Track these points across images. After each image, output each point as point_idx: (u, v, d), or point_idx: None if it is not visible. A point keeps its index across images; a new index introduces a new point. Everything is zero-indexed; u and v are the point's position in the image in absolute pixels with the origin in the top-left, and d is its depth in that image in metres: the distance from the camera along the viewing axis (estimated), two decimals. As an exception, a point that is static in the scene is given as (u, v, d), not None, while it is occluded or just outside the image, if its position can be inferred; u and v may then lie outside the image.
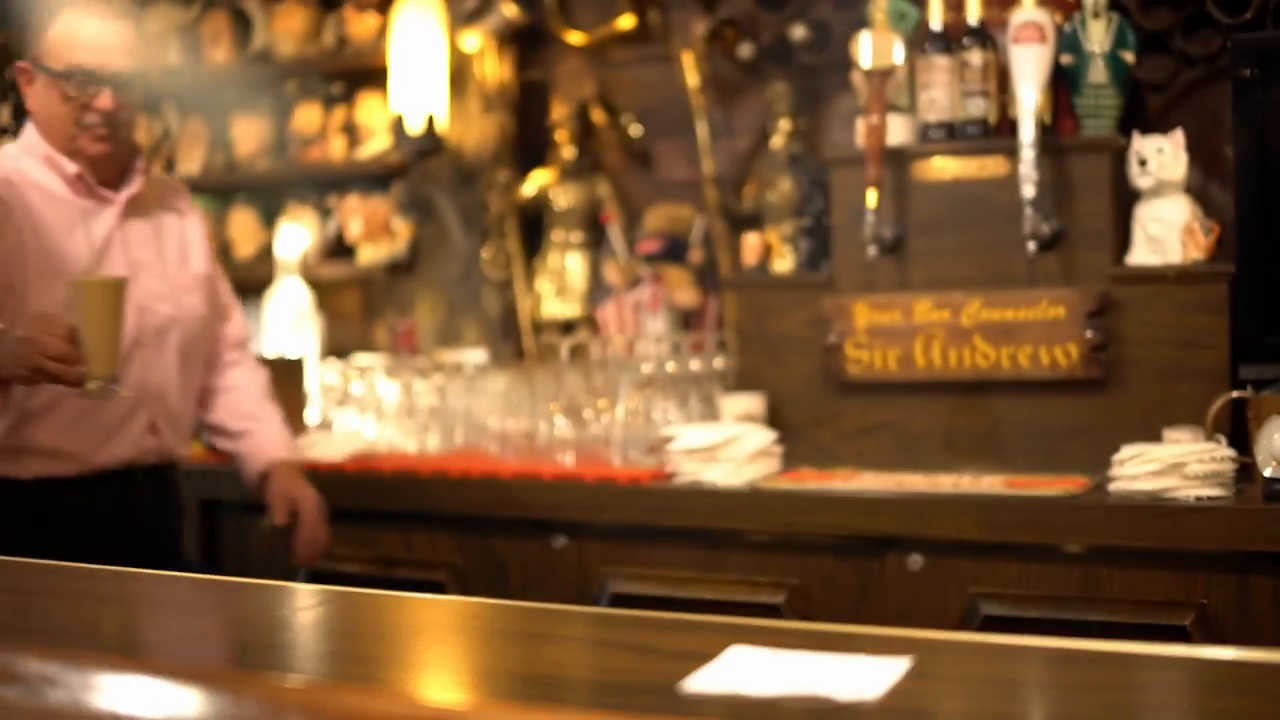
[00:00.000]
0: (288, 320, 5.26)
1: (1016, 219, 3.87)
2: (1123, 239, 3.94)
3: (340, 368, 4.72)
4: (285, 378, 4.59)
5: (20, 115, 3.63)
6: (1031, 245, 3.86)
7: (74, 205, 3.40)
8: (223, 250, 5.77)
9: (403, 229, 5.38)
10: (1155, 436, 3.60)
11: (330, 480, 4.05)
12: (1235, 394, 3.59)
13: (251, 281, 5.59)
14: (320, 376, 4.85)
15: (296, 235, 5.40)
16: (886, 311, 4.04)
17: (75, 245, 3.37)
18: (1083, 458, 3.79)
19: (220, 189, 5.88)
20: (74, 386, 2.92)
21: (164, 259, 3.57)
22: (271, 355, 4.86)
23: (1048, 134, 3.94)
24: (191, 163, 5.88)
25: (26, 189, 3.34)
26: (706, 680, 1.48)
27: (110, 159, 3.43)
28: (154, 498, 3.58)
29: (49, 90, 3.35)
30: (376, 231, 5.42)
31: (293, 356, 4.78)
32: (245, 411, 3.79)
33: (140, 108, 3.54)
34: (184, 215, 3.71)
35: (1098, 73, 3.96)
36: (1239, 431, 3.58)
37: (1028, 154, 3.82)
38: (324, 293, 5.47)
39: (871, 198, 4.00)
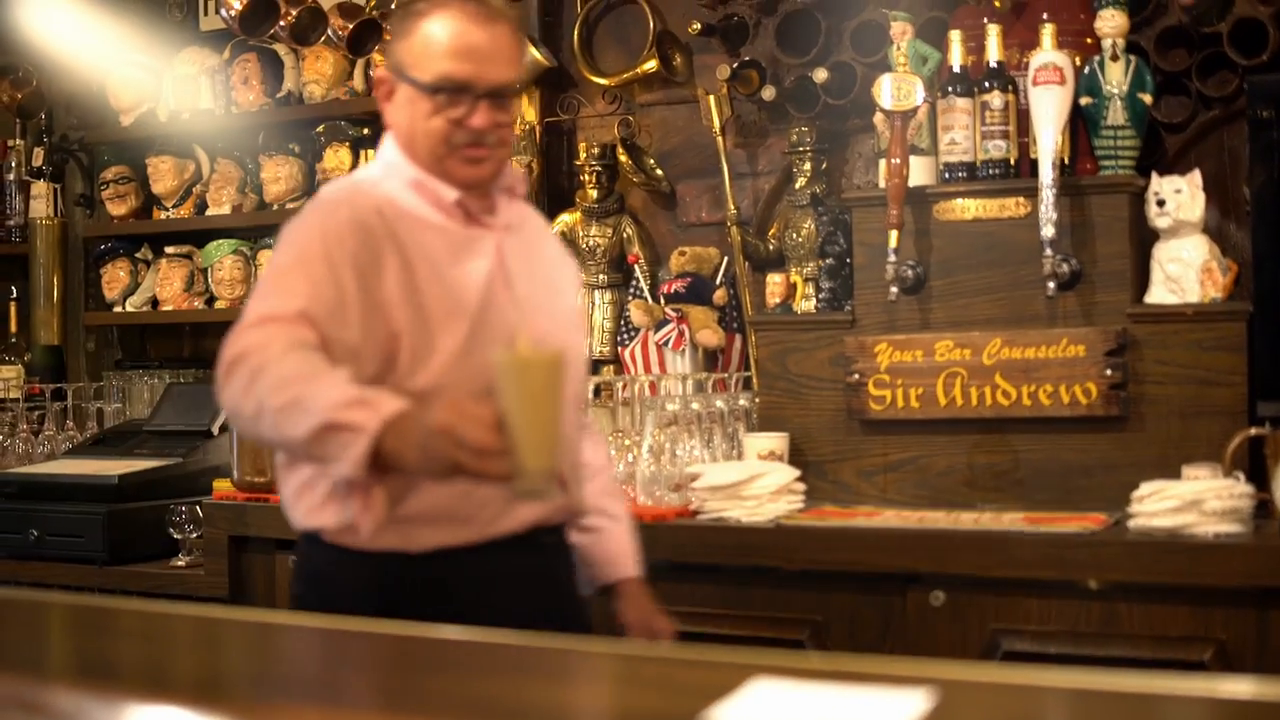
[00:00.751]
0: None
1: (1036, 259, 3.89)
2: (1142, 278, 3.97)
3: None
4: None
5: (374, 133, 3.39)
6: (1051, 285, 3.89)
7: (454, 234, 2.89)
8: (251, 290, 5.81)
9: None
10: (1174, 473, 3.61)
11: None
12: (1254, 431, 3.62)
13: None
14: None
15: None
16: (908, 350, 4.07)
17: (463, 282, 2.85)
18: (1102, 494, 3.81)
19: (250, 231, 5.93)
20: (500, 484, 2.44)
21: (545, 291, 3.03)
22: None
23: (1067, 175, 3.97)
24: (222, 204, 5.94)
25: (401, 220, 2.84)
26: (728, 715, 1.48)
27: (483, 184, 2.95)
28: (560, 560, 3.09)
29: (414, 104, 2.88)
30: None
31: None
32: (596, 503, 3.19)
33: (517, 122, 3.11)
34: (547, 237, 3.26)
35: (1116, 114, 3.99)
36: (1257, 468, 3.60)
37: (1047, 194, 3.84)
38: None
39: (893, 238, 4.03)
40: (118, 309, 6.17)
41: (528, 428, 2.38)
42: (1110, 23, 3.99)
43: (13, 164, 6.45)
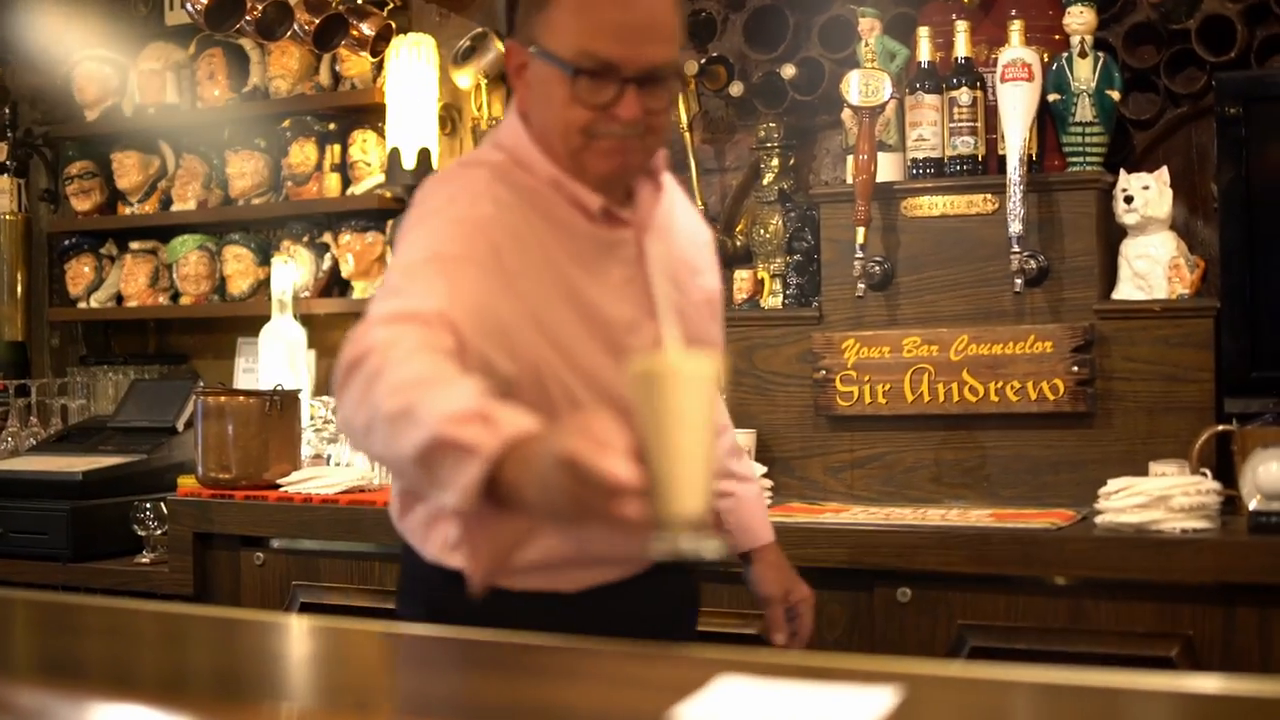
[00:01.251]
0: (282, 356, 5.28)
1: (1004, 255, 3.90)
2: (1109, 275, 3.98)
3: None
4: (281, 411, 4.61)
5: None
6: (1018, 281, 3.90)
7: (589, 236, 2.47)
8: (218, 286, 5.79)
9: (397, 265, 5.38)
10: (1141, 470, 3.61)
11: (324, 514, 4.07)
12: (1220, 428, 3.62)
13: (246, 318, 5.62)
14: (314, 411, 4.87)
15: (291, 272, 5.42)
16: (875, 346, 4.07)
17: (599, 290, 2.46)
18: (1069, 491, 3.83)
19: (216, 226, 5.89)
20: (642, 535, 1.86)
21: (683, 284, 2.62)
22: (267, 388, 4.87)
23: (1035, 171, 3.98)
24: (187, 200, 5.90)
25: (525, 219, 2.43)
26: (695, 712, 1.47)
27: (623, 177, 2.51)
28: (684, 587, 2.76)
29: (550, 85, 2.40)
30: (371, 267, 5.44)
31: (289, 388, 4.78)
32: (723, 465, 2.94)
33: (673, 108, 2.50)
34: (684, 210, 2.76)
35: (1084, 110, 3.99)
36: (1224, 464, 3.61)
37: (1015, 191, 3.85)
38: (318, 329, 5.48)
39: (861, 234, 4.03)
40: (82, 305, 6.13)
41: (673, 459, 1.84)
42: (1079, 19, 4.00)
43: (-24, 159, 6.41)
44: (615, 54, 2.34)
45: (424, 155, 5.06)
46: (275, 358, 5.28)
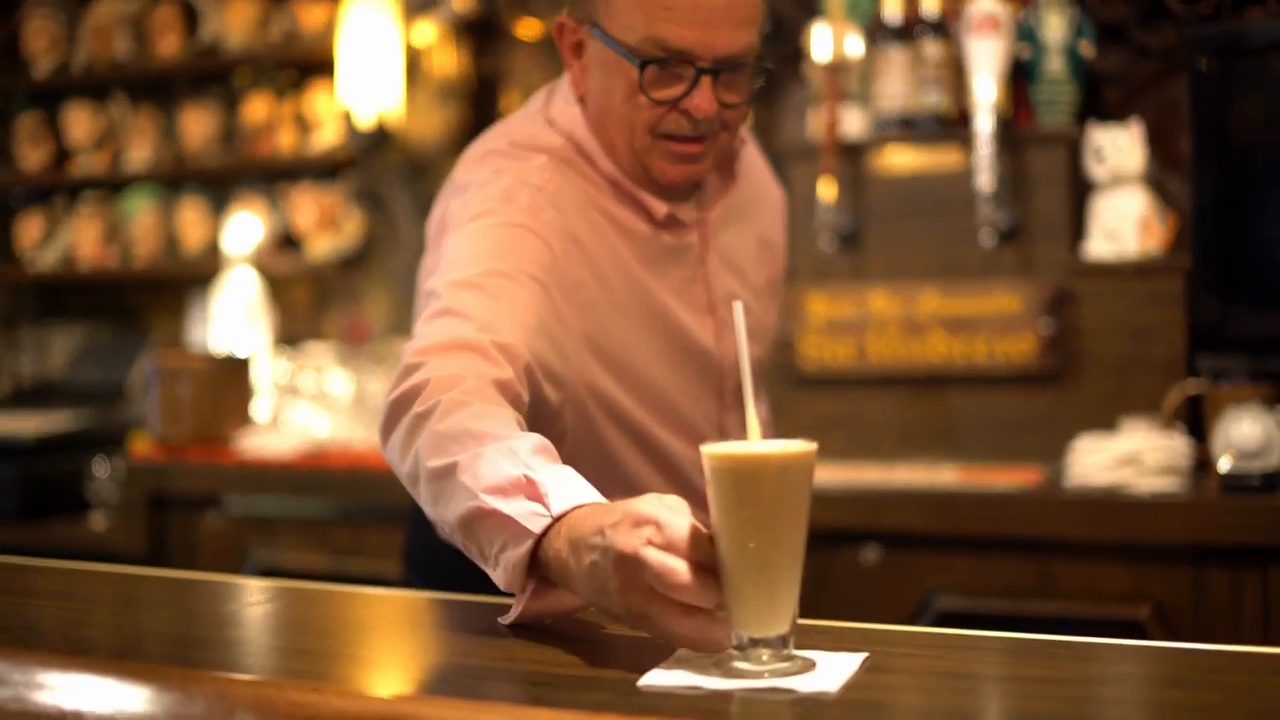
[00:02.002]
0: (237, 313, 5.21)
1: (973, 211, 3.86)
2: (1079, 231, 3.93)
3: (290, 359, 4.68)
4: (232, 375, 4.56)
5: None
6: (988, 238, 3.85)
7: (651, 242, 2.24)
8: (169, 242, 5.71)
9: (353, 221, 5.33)
10: (1112, 429, 3.59)
11: (280, 476, 4.01)
12: (1192, 387, 3.59)
13: (200, 274, 5.55)
14: (270, 369, 4.81)
15: (246, 227, 5.34)
16: (841, 304, 4.02)
17: (665, 292, 2.24)
18: (1039, 451, 3.79)
19: (169, 179, 5.82)
20: (710, 652, 1.50)
21: (744, 271, 2.38)
22: (222, 347, 4.81)
23: (1004, 126, 3.92)
24: (140, 154, 5.82)
25: (588, 220, 2.19)
26: (664, 675, 1.45)
27: (691, 182, 2.25)
28: None
29: (612, 73, 2.13)
30: (327, 223, 5.37)
31: (240, 356, 4.72)
32: None
33: (751, 100, 2.26)
34: (767, 200, 2.50)
35: (1055, 65, 3.94)
36: (1196, 423, 3.58)
37: (984, 146, 3.81)
38: (273, 285, 5.42)
39: (827, 190, 3.98)
40: (33, 261, 6.04)
41: (758, 572, 1.47)
42: (1048, -29, 3.95)
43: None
44: (688, 40, 2.06)
45: (382, 112, 5.00)
46: (231, 314, 5.22)
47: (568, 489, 1.64)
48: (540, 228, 2.11)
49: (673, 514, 1.49)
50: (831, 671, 1.46)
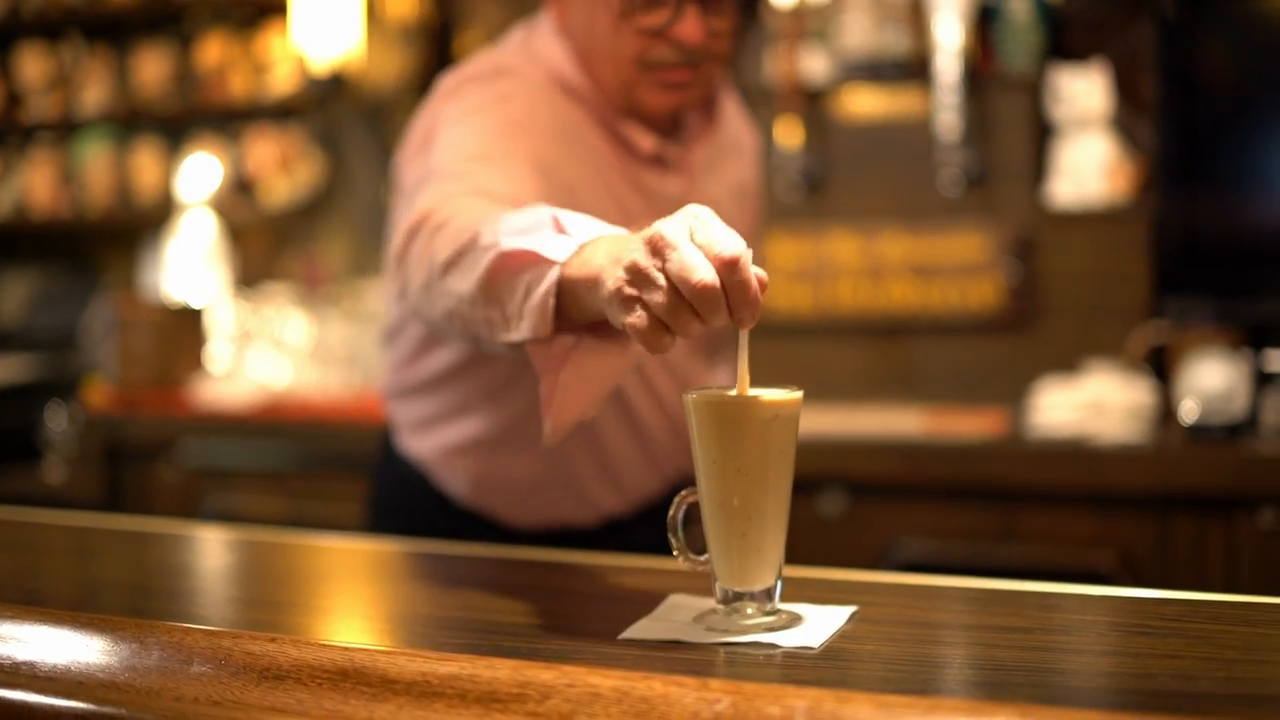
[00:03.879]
0: (193, 258, 5.15)
1: (937, 156, 3.83)
2: (1044, 175, 3.91)
3: (247, 302, 4.63)
4: (189, 320, 4.51)
5: None
6: (952, 183, 3.83)
7: (631, 177, 2.15)
8: (123, 187, 5.65)
9: (310, 164, 5.28)
10: (1076, 373, 3.58)
11: (236, 426, 3.97)
12: (1156, 329, 3.58)
13: (155, 218, 5.49)
14: (227, 314, 4.76)
15: (201, 171, 5.28)
16: (804, 251, 3.99)
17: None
18: (1003, 396, 3.78)
19: (122, 123, 5.75)
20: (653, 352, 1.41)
21: (727, 216, 2.11)
22: (176, 300, 4.76)
23: (969, 70, 3.89)
24: (93, 95, 5.75)
25: (582, 138, 2.10)
26: (646, 628, 1.43)
27: (681, 112, 2.17)
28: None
29: (594, 3, 2.06)
30: (283, 167, 5.32)
31: (195, 306, 4.67)
32: None
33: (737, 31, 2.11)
34: (743, 148, 2.40)
35: (1019, 8, 3.91)
36: (1160, 367, 3.58)
37: (948, 91, 3.78)
38: (229, 229, 5.36)
39: (789, 134, 3.94)
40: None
41: (745, 521, 1.43)
42: (1014, -87, 3.91)
43: None
44: None
45: (338, 62, 4.95)
46: (186, 259, 5.16)
47: (593, 226, 1.54)
48: (536, 129, 2.03)
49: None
50: (818, 625, 1.44)
